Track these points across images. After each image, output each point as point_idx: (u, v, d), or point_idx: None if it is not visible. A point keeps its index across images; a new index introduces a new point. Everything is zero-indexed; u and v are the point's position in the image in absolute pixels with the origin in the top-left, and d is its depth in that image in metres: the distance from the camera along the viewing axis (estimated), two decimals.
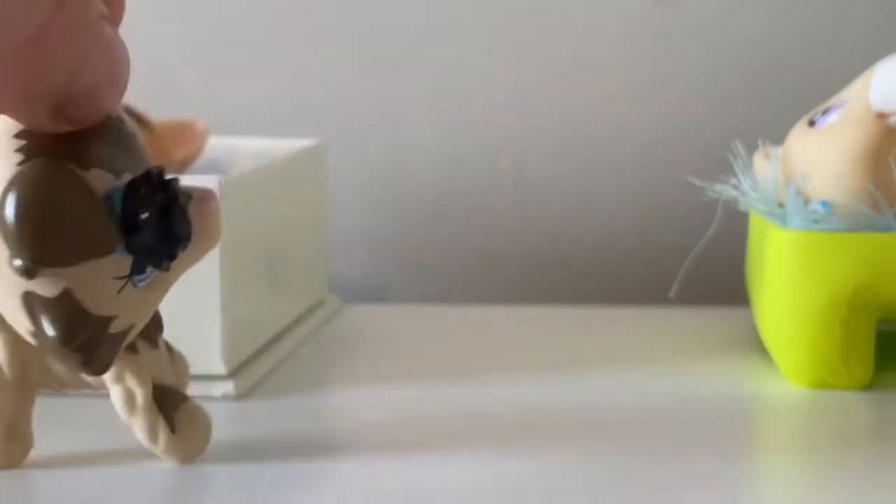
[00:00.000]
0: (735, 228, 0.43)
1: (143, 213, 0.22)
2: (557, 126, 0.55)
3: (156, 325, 0.26)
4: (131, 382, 0.25)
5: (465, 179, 0.55)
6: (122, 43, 0.22)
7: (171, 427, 0.26)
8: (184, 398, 0.27)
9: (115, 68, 0.21)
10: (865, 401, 0.35)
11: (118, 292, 0.22)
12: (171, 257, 0.23)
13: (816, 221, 0.35)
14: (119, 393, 0.25)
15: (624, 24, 0.54)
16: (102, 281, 0.22)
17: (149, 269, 0.23)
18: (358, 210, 0.55)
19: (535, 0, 0.54)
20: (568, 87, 0.55)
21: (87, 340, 0.22)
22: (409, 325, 0.46)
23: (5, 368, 0.25)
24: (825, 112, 0.37)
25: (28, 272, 0.21)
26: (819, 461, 0.30)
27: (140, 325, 0.24)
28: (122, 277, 0.22)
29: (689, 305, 0.46)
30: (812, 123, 0.37)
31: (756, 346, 0.41)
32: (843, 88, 0.37)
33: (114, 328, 0.23)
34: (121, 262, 0.22)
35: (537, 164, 0.55)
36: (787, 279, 0.35)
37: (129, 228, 0.22)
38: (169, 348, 0.28)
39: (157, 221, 0.22)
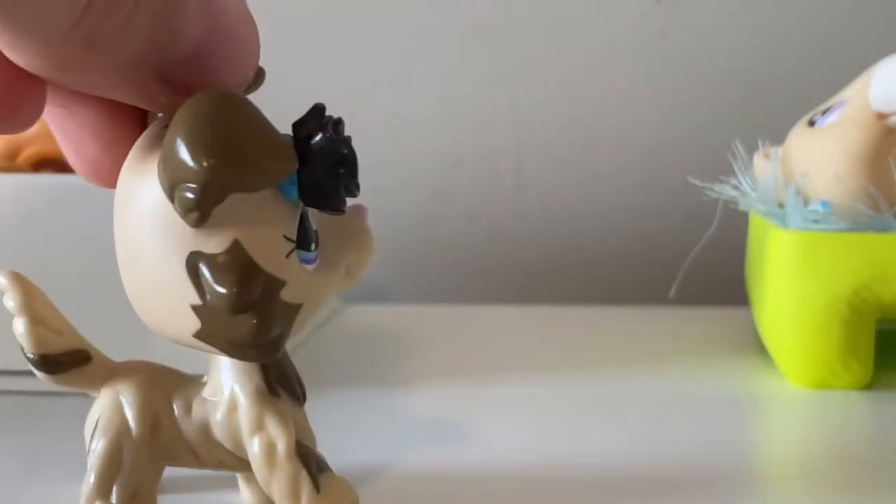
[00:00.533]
0: (735, 228, 0.43)
1: (316, 136, 0.21)
2: (557, 126, 0.55)
3: (294, 380, 0.23)
4: (273, 430, 0.22)
5: (466, 180, 0.55)
6: (231, 5, 0.19)
7: (316, 487, 0.22)
8: (327, 466, 0.23)
9: (221, 25, 0.19)
10: (865, 401, 0.35)
11: (287, 256, 0.20)
12: (339, 203, 0.21)
13: (816, 221, 0.35)
14: (258, 445, 0.22)
15: (624, 24, 0.54)
16: (272, 235, 0.20)
17: (314, 251, 0.21)
18: None
19: (535, 0, 0.54)
20: (568, 87, 0.55)
21: (260, 301, 0.19)
22: (409, 325, 0.46)
23: (134, 426, 0.23)
24: (825, 112, 0.37)
25: (202, 203, 0.18)
26: (819, 461, 0.30)
27: (307, 316, 0.21)
28: (292, 241, 0.20)
29: (689, 305, 0.46)
30: (812, 123, 0.37)
31: (756, 346, 0.41)
32: (843, 88, 0.37)
33: (286, 296, 0.20)
34: (288, 217, 0.20)
35: (537, 165, 0.55)
36: (787, 279, 0.35)
37: (300, 156, 0.20)
38: (305, 453, 0.24)
39: (327, 151, 0.21)
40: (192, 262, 0.19)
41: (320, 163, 0.20)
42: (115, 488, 0.23)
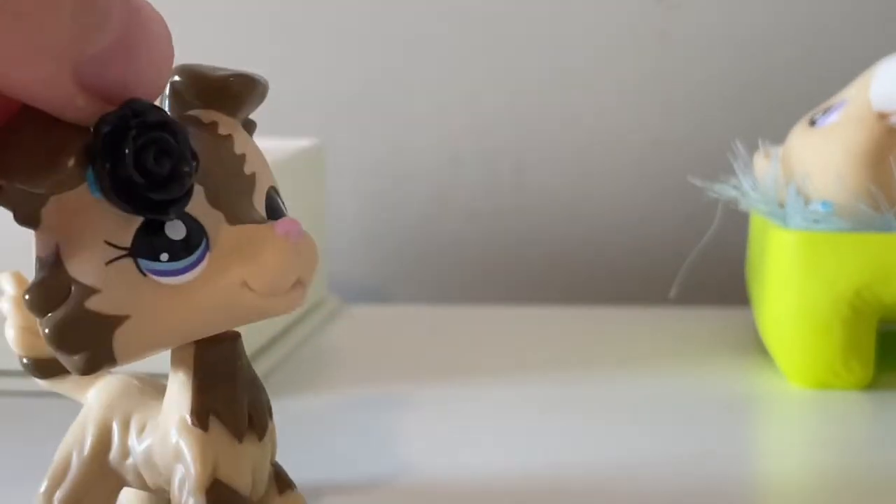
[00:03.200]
0: (735, 228, 0.43)
1: (105, 127, 0.18)
2: (557, 126, 0.55)
3: (239, 411, 0.21)
4: (186, 463, 0.20)
5: (465, 180, 0.55)
6: (144, 16, 0.18)
7: None
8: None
9: (141, 21, 0.18)
10: (865, 401, 0.35)
11: (107, 263, 0.19)
12: (144, 205, 0.18)
13: (817, 221, 0.35)
14: (176, 477, 0.21)
15: (624, 24, 0.54)
16: (87, 240, 0.19)
17: (165, 262, 0.19)
18: (358, 210, 0.55)
19: (535, 0, 0.54)
20: (568, 87, 0.55)
21: (61, 307, 0.18)
22: (409, 325, 0.46)
23: (86, 442, 0.22)
24: (826, 112, 0.37)
25: (7, 205, 0.18)
26: (819, 461, 0.30)
27: (159, 335, 0.19)
28: (118, 248, 0.19)
29: (689, 305, 0.46)
30: (813, 123, 0.37)
31: (756, 346, 0.40)
32: (843, 88, 0.37)
33: (96, 305, 0.18)
34: (113, 222, 0.19)
35: (537, 164, 0.55)
36: (788, 279, 0.35)
37: (98, 154, 0.18)
38: (282, 480, 0.23)
39: (119, 142, 0.18)
40: (35, 266, 0.19)
41: (113, 156, 0.18)
42: (58, 496, 0.22)
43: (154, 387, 0.23)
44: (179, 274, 0.19)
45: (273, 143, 0.44)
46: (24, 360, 0.23)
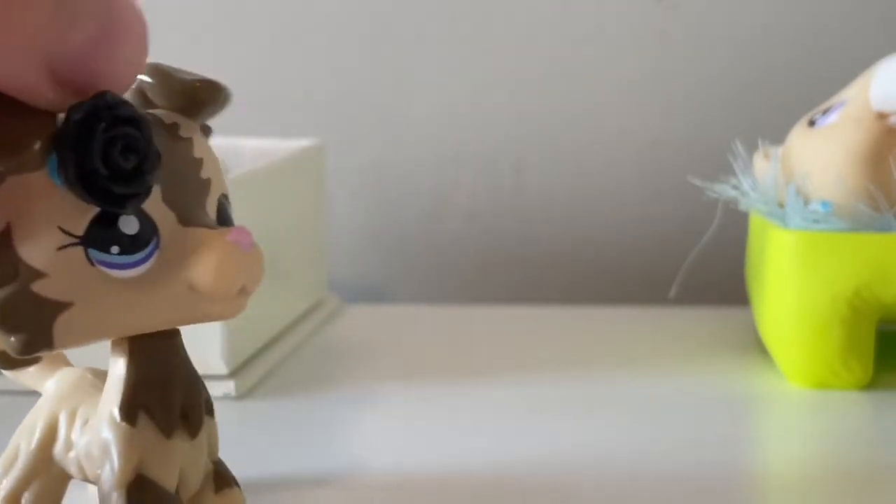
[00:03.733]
0: (735, 228, 0.43)
1: (75, 115, 0.18)
2: (557, 126, 0.55)
3: (171, 408, 0.21)
4: (112, 458, 0.21)
5: (466, 179, 0.55)
6: (122, 16, 0.18)
7: None
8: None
9: (118, 15, 0.18)
10: (865, 401, 0.35)
11: (58, 249, 0.19)
12: (105, 197, 0.18)
13: (816, 221, 0.35)
14: (103, 471, 0.21)
15: (624, 24, 0.54)
16: (40, 224, 0.19)
17: (115, 255, 0.19)
18: (358, 210, 0.55)
19: (535, 0, 0.54)
20: (568, 87, 0.55)
21: (4, 286, 0.19)
22: (409, 325, 0.46)
23: (35, 434, 0.23)
24: (825, 112, 0.37)
25: None
26: (819, 461, 0.30)
27: (101, 326, 0.19)
28: (71, 235, 0.19)
29: (689, 305, 0.46)
30: (812, 123, 0.37)
31: (756, 346, 0.40)
32: (843, 88, 0.37)
33: (42, 289, 0.19)
34: (69, 209, 0.19)
35: (537, 164, 0.55)
36: (788, 279, 0.35)
37: (60, 143, 0.18)
38: (222, 477, 0.23)
39: (86, 131, 0.18)
40: None
41: (81, 146, 0.18)
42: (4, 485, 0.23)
43: (100, 381, 0.23)
44: (128, 268, 0.19)
45: (273, 143, 0.44)
46: None
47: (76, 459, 0.22)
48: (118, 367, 0.21)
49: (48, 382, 0.24)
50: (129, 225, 0.19)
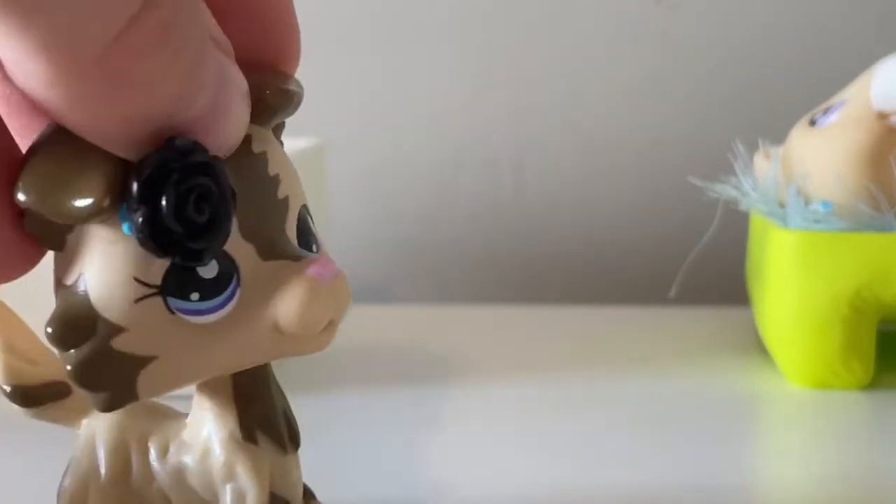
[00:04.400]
0: (735, 228, 0.43)
1: (146, 171, 0.16)
2: (557, 126, 0.55)
3: (280, 424, 0.21)
4: (244, 480, 0.20)
5: (466, 180, 0.55)
6: (235, 75, 0.17)
7: None
8: None
9: (217, 108, 0.17)
10: (865, 401, 0.35)
11: (136, 301, 0.17)
12: (188, 251, 0.17)
13: (817, 221, 0.35)
14: (229, 495, 0.20)
15: (624, 24, 0.54)
16: (115, 276, 0.17)
17: (196, 301, 0.18)
18: (358, 210, 0.55)
19: (535, 0, 0.54)
20: (568, 87, 0.55)
21: (85, 343, 0.18)
22: (409, 325, 0.46)
23: (103, 468, 0.21)
24: (826, 112, 0.37)
25: (30, 226, 0.17)
26: (819, 461, 0.30)
27: (185, 374, 0.19)
28: (148, 286, 0.18)
29: (689, 305, 0.46)
30: (813, 123, 0.37)
31: (756, 346, 0.40)
32: (843, 88, 0.37)
33: (122, 345, 0.18)
34: (143, 258, 0.17)
35: (537, 164, 0.55)
36: (788, 279, 0.35)
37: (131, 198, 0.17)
38: (308, 493, 0.23)
39: (156, 188, 0.17)
40: (56, 290, 0.18)
41: (151, 203, 0.17)
42: None
43: (158, 407, 0.22)
44: (210, 313, 0.18)
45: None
46: (5, 387, 0.22)
47: (160, 490, 0.21)
48: (217, 393, 0.20)
49: (91, 416, 0.22)
50: (208, 269, 0.18)
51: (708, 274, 0.45)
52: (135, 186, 0.16)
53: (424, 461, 0.30)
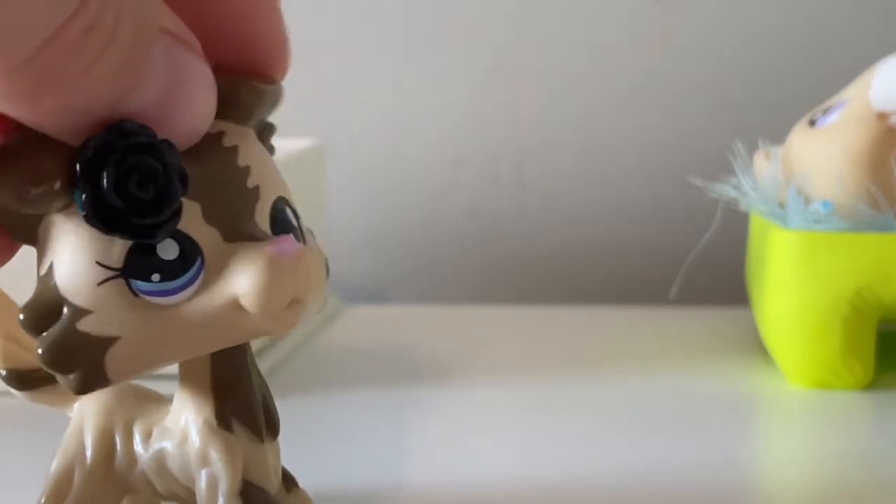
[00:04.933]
0: (735, 228, 0.43)
1: (87, 153, 0.17)
2: (557, 126, 0.55)
3: (257, 412, 0.21)
4: (217, 467, 0.20)
5: (466, 180, 0.55)
6: (193, 65, 0.18)
7: None
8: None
9: (180, 88, 0.17)
10: (865, 401, 0.35)
11: (98, 284, 0.18)
12: (128, 230, 0.18)
13: (817, 221, 0.35)
14: (203, 481, 0.20)
15: (624, 24, 0.54)
16: (78, 260, 0.18)
17: (157, 282, 0.18)
18: (358, 210, 0.55)
19: (535, 0, 0.54)
20: (568, 87, 0.55)
21: (53, 327, 0.18)
22: (409, 325, 0.46)
23: (88, 452, 0.22)
24: (826, 112, 0.37)
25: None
26: (819, 461, 0.30)
27: (153, 356, 0.19)
28: (109, 268, 0.18)
29: (689, 305, 0.46)
30: (812, 123, 0.37)
31: (756, 346, 0.40)
32: (843, 88, 0.37)
33: (87, 326, 0.18)
34: (104, 242, 0.18)
35: (537, 165, 0.55)
36: (788, 279, 0.35)
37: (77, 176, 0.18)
38: (288, 478, 0.23)
39: (99, 164, 0.17)
40: (36, 280, 0.19)
41: (93, 182, 0.17)
42: None
43: (146, 392, 0.23)
44: (172, 294, 0.18)
45: (273, 144, 0.44)
46: (3, 372, 0.22)
47: (142, 474, 0.22)
48: (196, 380, 0.21)
49: (81, 400, 0.22)
50: (168, 250, 0.18)
51: (708, 274, 0.45)
52: (77, 167, 0.17)
53: (423, 461, 0.30)
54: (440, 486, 0.28)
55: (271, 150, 0.22)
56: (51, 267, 0.19)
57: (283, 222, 0.20)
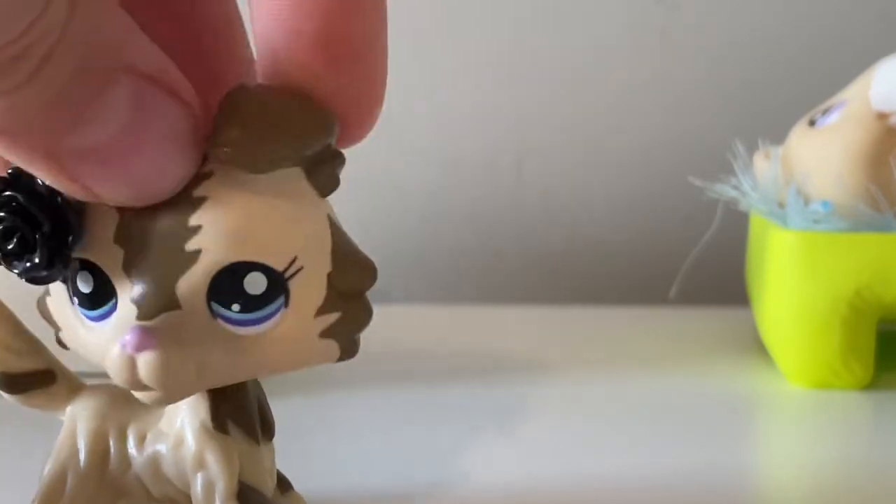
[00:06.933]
0: (735, 228, 0.43)
1: None
2: (557, 126, 0.55)
3: (252, 415, 0.22)
4: (214, 469, 0.20)
5: (466, 180, 0.55)
6: (165, 111, 0.17)
7: None
8: None
9: (136, 135, 0.16)
10: (865, 401, 0.35)
11: (66, 306, 0.20)
12: (18, 272, 0.19)
13: (817, 221, 0.35)
14: (199, 484, 0.20)
15: (624, 24, 0.54)
16: (58, 285, 0.20)
17: (76, 304, 0.19)
18: (358, 210, 0.55)
19: (535, 0, 0.54)
20: (568, 87, 0.55)
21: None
22: (409, 325, 0.46)
23: (82, 455, 0.22)
24: (825, 112, 0.37)
25: None
26: (819, 461, 0.30)
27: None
28: (70, 294, 0.20)
29: (689, 305, 0.46)
30: (812, 123, 0.37)
31: (756, 346, 0.40)
32: (843, 88, 0.37)
33: (63, 337, 0.21)
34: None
35: (537, 164, 0.55)
36: (788, 279, 0.35)
37: None
38: (283, 482, 0.23)
39: None
40: None
41: None
42: None
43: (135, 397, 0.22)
44: (96, 321, 0.19)
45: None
46: None
47: (136, 477, 0.22)
48: None
49: (72, 403, 0.22)
50: (84, 283, 0.19)
51: (708, 274, 0.45)
52: None
53: (424, 461, 0.30)
54: (440, 487, 0.28)
55: (329, 182, 0.20)
56: None
57: (231, 291, 0.19)
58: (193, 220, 0.18)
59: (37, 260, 0.18)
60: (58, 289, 0.20)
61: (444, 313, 0.48)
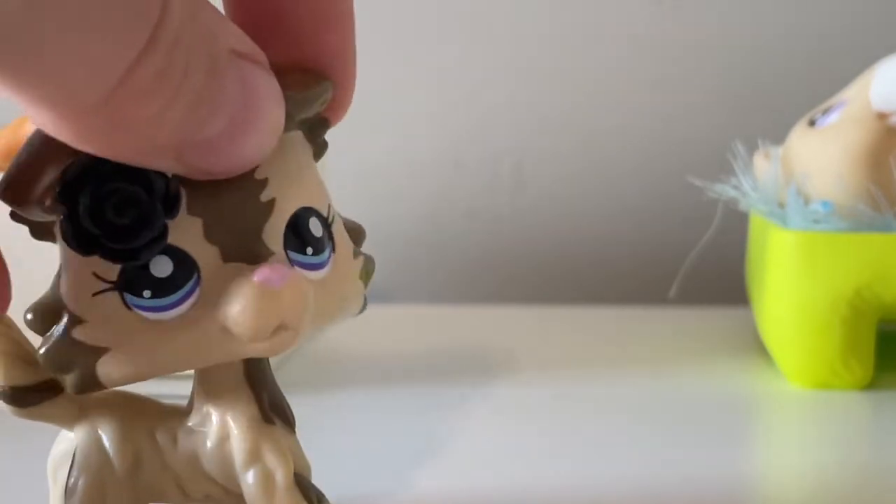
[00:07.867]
0: (735, 228, 0.43)
1: (66, 176, 0.17)
2: (558, 126, 0.55)
3: (286, 407, 0.22)
4: (270, 459, 0.21)
5: (466, 179, 0.55)
6: (264, 84, 0.17)
7: None
8: (323, 497, 0.22)
9: (251, 110, 0.17)
10: (865, 401, 0.35)
11: (93, 295, 0.19)
12: (113, 252, 0.18)
13: (817, 221, 0.35)
14: (255, 476, 0.20)
15: (624, 24, 0.54)
16: (79, 271, 0.19)
17: (148, 298, 0.18)
18: (358, 210, 0.55)
19: (535, 0, 0.54)
20: (568, 87, 0.55)
21: (53, 332, 0.19)
22: (409, 325, 0.46)
23: (116, 462, 0.21)
24: (825, 112, 0.37)
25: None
26: (819, 461, 0.30)
27: (143, 367, 0.19)
28: (105, 280, 0.18)
29: (689, 305, 0.46)
30: (812, 123, 0.37)
31: (756, 346, 0.40)
32: (843, 88, 0.37)
33: (80, 335, 0.19)
34: (100, 258, 0.18)
35: (537, 165, 0.55)
36: (788, 279, 0.35)
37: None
38: (304, 485, 0.23)
39: (74, 190, 0.17)
40: None
41: (70, 207, 0.18)
42: None
43: (147, 401, 0.22)
44: (164, 310, 0.19)
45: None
46: (3, 390, 0.22)
47: (172, 478, 0.22)
48: (226, 374, 0.21)
49: (86, 413, 0.22)
50: (160, 268, 0.18)
51: (708, 274, 0.45)
52: (58, 188, 0.17)
53: (425, 460, 0.30)
54: (441, 487, 0.28)
55: (323, 145, 0.21)
56: (59, 271, 0.19)
57: (302, 235, 0.20)
58: (259, 174, 0.19)
59: (154, 234, 0.18)
60: (103, 309, 0.19)
61: (444, 313, 0.48)
